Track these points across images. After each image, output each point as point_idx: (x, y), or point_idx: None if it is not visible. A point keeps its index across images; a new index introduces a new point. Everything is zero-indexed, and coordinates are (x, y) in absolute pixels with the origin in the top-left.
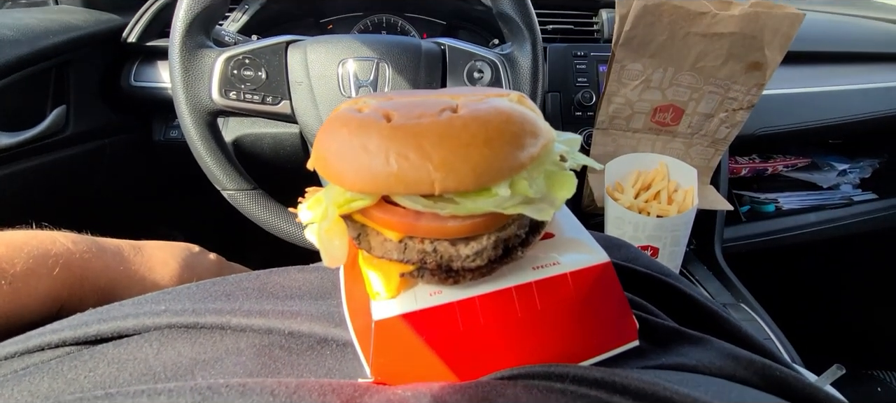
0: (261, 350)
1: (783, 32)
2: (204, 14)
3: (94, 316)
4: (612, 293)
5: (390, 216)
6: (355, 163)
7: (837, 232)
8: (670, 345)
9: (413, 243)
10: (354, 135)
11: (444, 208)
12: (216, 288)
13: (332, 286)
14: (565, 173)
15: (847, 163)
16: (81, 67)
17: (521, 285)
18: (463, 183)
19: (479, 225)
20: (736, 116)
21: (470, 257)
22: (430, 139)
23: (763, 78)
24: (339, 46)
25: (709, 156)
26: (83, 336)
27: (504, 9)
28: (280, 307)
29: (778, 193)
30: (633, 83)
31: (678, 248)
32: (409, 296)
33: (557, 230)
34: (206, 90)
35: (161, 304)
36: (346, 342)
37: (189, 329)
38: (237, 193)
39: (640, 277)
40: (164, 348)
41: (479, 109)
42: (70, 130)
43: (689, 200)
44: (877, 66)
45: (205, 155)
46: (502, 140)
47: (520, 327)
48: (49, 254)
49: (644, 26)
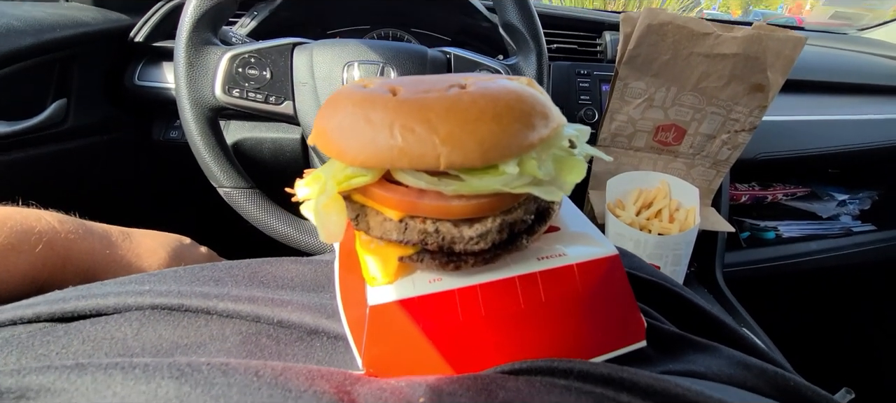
0: (247, 338)
1: (785, 55)
2: (213, 11)
3: (73, 292)
4: (620, 288)
5: (392, 194)
6: (358, 136)
7: (838, 261)
8: (677, 352)
9: (414, 223)
10: (358, 108)
11: (448, 185)
12: (205, 273)
13: (327, 279)
14: (575, 158)
15: (846, 193)
16: (86, 63)
17: (525, 275)
18: (469, 158)
19: (485, 207)
20: (738, 138)
21: (473, 239)
22: (437, 112)
23: (765, 100)
24: (346, 50)
25: (710, 178)
26: (60, 311)
27: (510, 19)
28: (270, 295)
29: (778, 221)
30: (635, 101)
31: (679, 268)
32: (407, 283)
33: (563, 225)
34: (209, 86)
35: (145, 285)
36: (337, 335)
37: (173, 311)
38: (233, 191)
39: (645, 284)
40: (144, 328)
41: (488, 87)
42: (69, 124)
43: (690, 219)
44: (872, 98)
45: (203, 150)
46: (512, 117)
47: (522, 319)
48: (32, 231)
49: (648, 45)
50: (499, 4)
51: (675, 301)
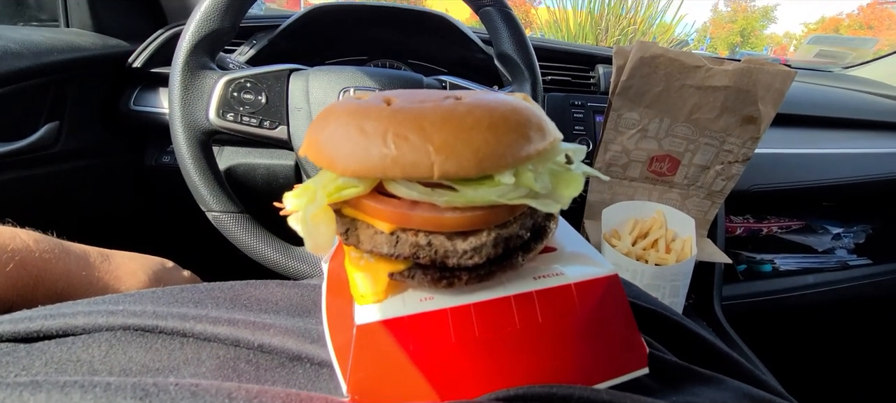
0: (224, 362)
1: (775, 88)
2: (211, 36)
3: (40, 311)
4: (620, 310)
5: (383, 206)
6: (350, 145)
7: (835, 295)
8: (680, 384)
9: (406, 236)
10: (352, 117)
11: (441, 196)
12: (184, 295)
13: (313, 304)
14: (572, 172)
15: (841, 227)
16: (81, 87)
17: (521, 294)
18: (464, 167)
19: (479, 219)
20: (732, 169)
21: (467, 253)
22: (432, 120)
23: (758, 131)
24: (342, 76)
25: (706, 209)
26: (24, 331)
27: (505, 50)
28: (252, 318)
29: (774, 254)
30: (629, 132)
31: (677, 299)
32: (397, 301)
33: (560, 246)
34: (203, 109)
35: (119, 305)
36: (322, 361)
37: (146, 332)
38: (222, 215)
39: (645, 312)
40: (113, 350)
41: (484, 98)
42: (60, 146)
43: (687, 250)
44: (861, 133)
45: (193, 173)
46: (507, 127)
47: (518, 342)
48: (4, 249)
49: (640, 77)
50: (494, 35)
51: (677, 330)
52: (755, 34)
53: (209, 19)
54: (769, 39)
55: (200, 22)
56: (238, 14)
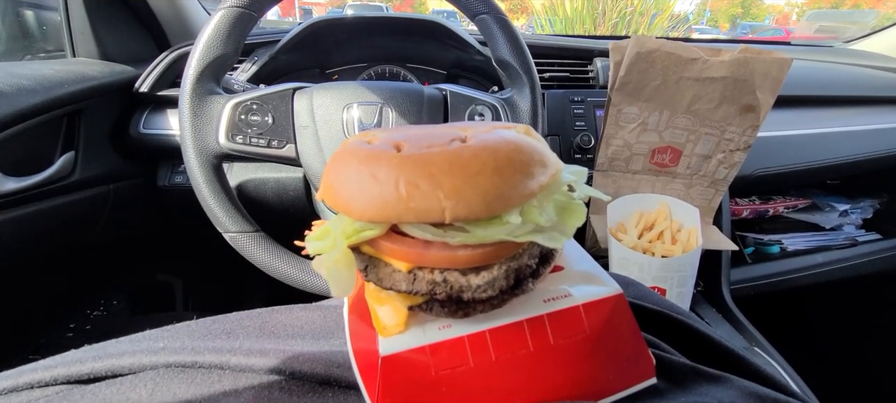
0: (259, 392)
1: (773, 76)
2: (216, 63)
3: (89, 352)
4: (627, 326)
5: (399, 246)
6: (365, 192)
7: (845, 273)
8: (687, 384)
9: (423, 273)
10: (364, 165)
11: (454, 237)
12: (216, 326)
13: (336, 325)
14: (575, 202)
15: (847, 203)
16: (93, 115)
17: (533, 318)
18: (473, 210)
19: (490, 255)
20: (733, 157)
21: (481, 287)
22: (441, 167)
23: (757, 119)
24: (345, 92)
25: (710, 197)
26: (76, 374)
27: (503, 56)
28: (281, 346)
29: (781, 235)
30: (630, 126)
31: (685, 289)
32: (418, 331)
33: (567, 264)
34: (213, 134)
35: (159, 342)
36: (349, 384)
37: (187, 368)
38: (239, 236)
39: (651, 314)
40: (159, 388)
41: (488, 139)
42: (76, 176)
43: (693, 240)
44: (863, 109)
45: (208, 197)
46: (512, 168)
47: (532, 363)
48: None
49: (638, 72)
50: (491, 42)
51: (683, 330)
52: (756, 4)
53: (212, 46)
54: (770, 9)
55: (204, 49)
56: (240, 39)
